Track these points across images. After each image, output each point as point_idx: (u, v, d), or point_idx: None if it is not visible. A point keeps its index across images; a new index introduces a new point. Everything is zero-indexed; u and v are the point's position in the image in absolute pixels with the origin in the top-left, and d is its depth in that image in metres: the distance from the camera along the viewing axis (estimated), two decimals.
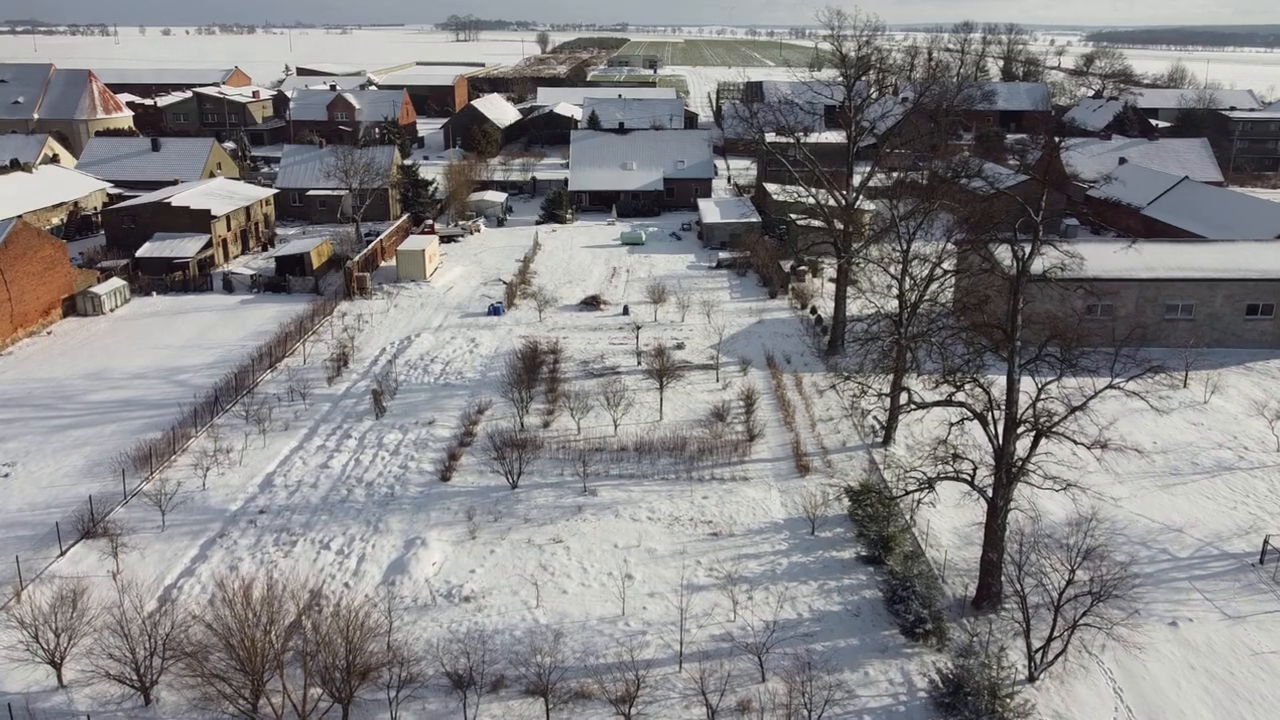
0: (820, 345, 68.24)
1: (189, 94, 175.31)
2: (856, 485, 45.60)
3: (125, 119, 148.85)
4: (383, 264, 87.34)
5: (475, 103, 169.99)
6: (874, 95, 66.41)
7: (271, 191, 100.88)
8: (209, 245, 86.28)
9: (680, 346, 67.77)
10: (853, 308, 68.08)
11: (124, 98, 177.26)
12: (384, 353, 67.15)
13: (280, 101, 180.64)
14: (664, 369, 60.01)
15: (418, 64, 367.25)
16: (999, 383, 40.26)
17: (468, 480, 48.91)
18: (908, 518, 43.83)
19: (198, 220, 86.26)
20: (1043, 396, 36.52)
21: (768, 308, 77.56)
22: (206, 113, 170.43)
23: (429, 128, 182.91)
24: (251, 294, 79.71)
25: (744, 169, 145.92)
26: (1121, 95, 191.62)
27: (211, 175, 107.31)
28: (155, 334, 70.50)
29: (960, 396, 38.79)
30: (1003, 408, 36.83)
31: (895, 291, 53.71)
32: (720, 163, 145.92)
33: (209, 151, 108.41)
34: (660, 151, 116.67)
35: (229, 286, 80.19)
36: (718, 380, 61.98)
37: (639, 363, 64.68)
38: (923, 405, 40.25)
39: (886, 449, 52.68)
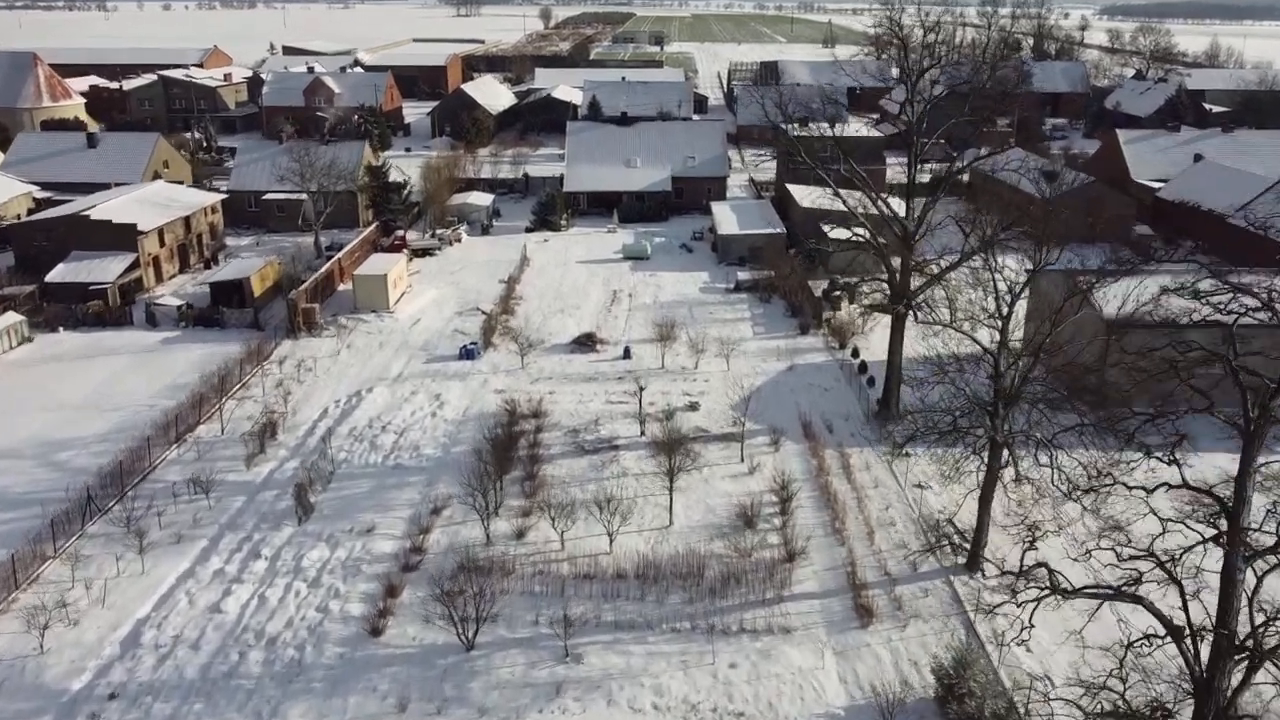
0: (868, 404, 54.85)
1: (155, 77, 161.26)
2: (947, 660, 32.52)
3: (74, 107, 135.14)
4: (342, 286, 73.96)
5: (466, 87, 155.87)
6: (934, 92, 52.90)
7: (218, 197, 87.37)
8: (135, 266, 73.00)
9: (694, 406, 54.49)
10: (918, 347, 54.56)
11: (87, 81, 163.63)
12: (325, 416, 53.92)
13: (256, 84, 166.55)
14: (673, 445, 46.87)
15: (414, 41, 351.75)
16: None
17: (407, 634, 35.84)
18: None
19: (122, 236, 72.94)
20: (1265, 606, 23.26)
21: (799, 347, 64.05)
22: (173, 98, 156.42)
23: (418, 111, 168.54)
24: (178, 329, 66.45)
25: (760, 160, 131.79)
26: (1168, 76, 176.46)
27: (156, 176, 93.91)
28: (50, 388, 57.34)
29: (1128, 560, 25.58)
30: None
31: (977, 350, 40.28)
32: (733, 153, 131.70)
33: (153, 148, 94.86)
34: (668, 145, 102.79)
35: (152, 320, 66.93)
36: (742, 459, 48.71)
37: (642, 432, 51.42)
38: (1068, 594, 26.63)
39: (973, 575, 39.47)
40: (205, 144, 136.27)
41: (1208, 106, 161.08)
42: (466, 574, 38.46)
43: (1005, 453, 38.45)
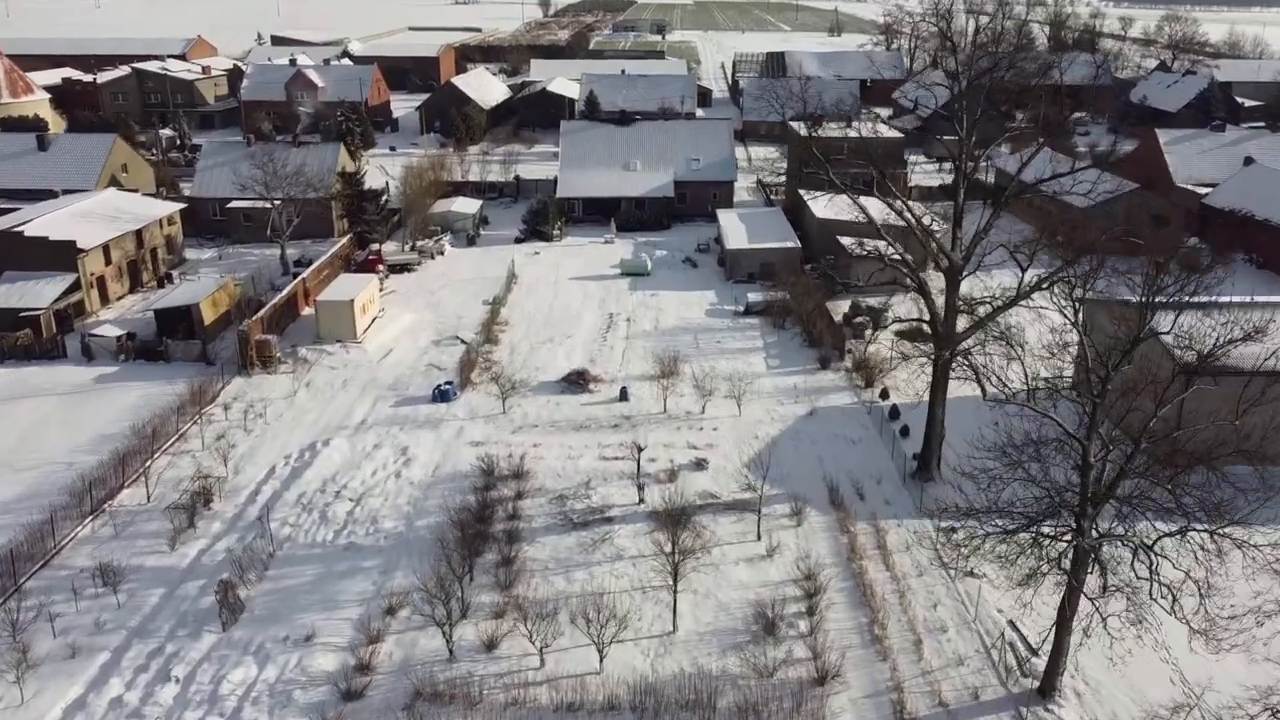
0: (903, 462, 47.16)
1: (129, 70, 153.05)
2: None
3: (37, 104, 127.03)
4: (307, 310, 66.23)
5: (457, 80, 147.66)
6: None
7: (176, 206, 79.57)
8: (75, 288, 65.31)
9: (701, 465, 46.84)
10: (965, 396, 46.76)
11: (61, 74, 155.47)
12: (271, 476, 46.29)
13: (238, 77, 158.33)
14: (678, 519, 39.37)
15: (410, 30, 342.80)
16: None
17: None
18: None
19: (60, 254, 65.23)
20: None
21: (820, 386, 56.33)
22: (148, 92, 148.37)
23: (408, 105, 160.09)
24: (117, 363, 58.80)
25: (769, 160, 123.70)
26: (1196, 68, 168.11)
27: (114, 181, 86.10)
28: None
29: None
30: None
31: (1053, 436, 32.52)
32: (739, 151, 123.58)
33: (108, 151, 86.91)
34: (670, 147, 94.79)
35: (88, 353, 59.24)
36: (759, 537, 41.06)
37: (640, 500, 43.78)
38: None
39: (1049, 703, 31.92)
40: (180, 141, 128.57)
41: (1240, 100, 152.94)
42: (424, 703, 31.11)
43: (1091, 558, 30.84)
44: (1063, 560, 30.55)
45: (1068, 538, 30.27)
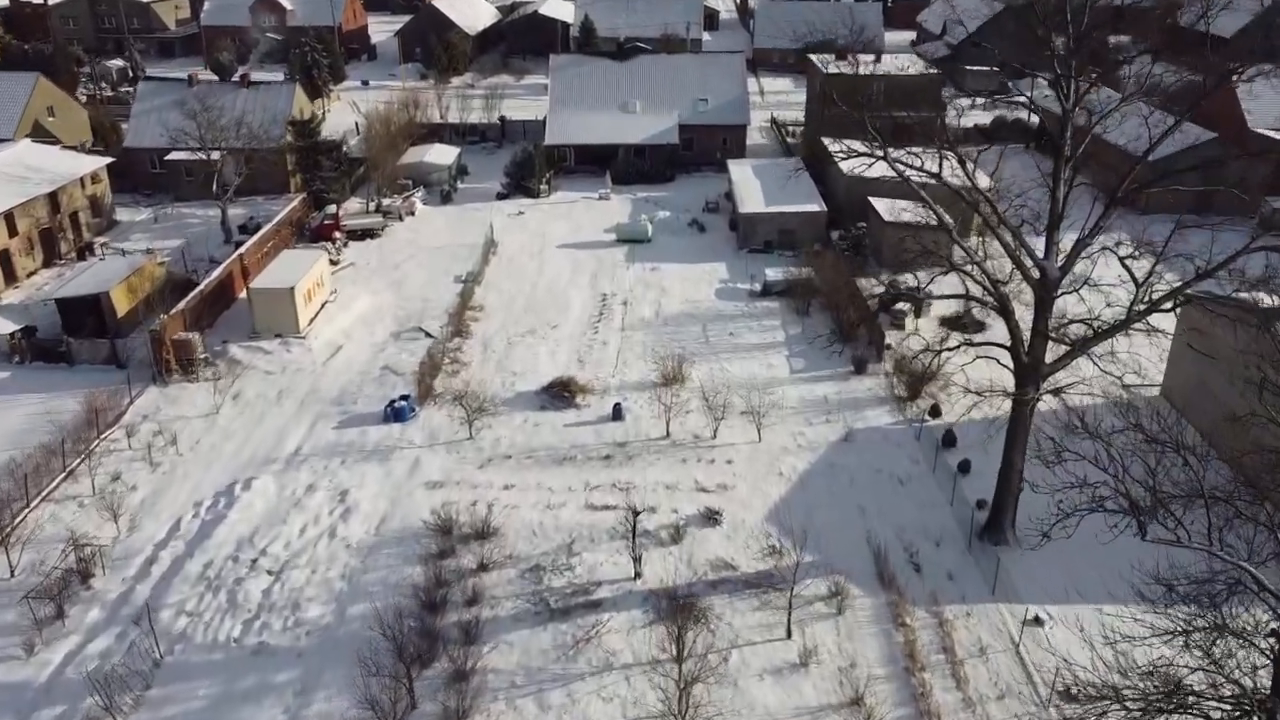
0: (969, 513, 37.62)
1: None
2: None
3: None
4: (245, 293, 55.94)
5: (438, 1, 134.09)
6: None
7: (103, 161, 68.75)
8: None
9: (715, 518, 37.37)
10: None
11: None
12: (175, 534, 36.92)
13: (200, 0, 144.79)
14: (684, 615, 30.44)
15: None
16: None
17: None
18: None
19: None
20: None
21: (855, 396, 46.51)
22: (100, 16, 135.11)
23: (389, 28, 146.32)
24: (10, 366, 49.02)
25: (784, 95, 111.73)
26: None
27: (37, 129, 75.10)
28: None
29: None
30: None
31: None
32: (751, 83, 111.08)
33: (29, 93, 75.62)
34: (675, 85, 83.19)
35: None
36: (789, 634, 31.77)
37: (637, 573, 34.44)
38: None
39: None
40: (131, 72, 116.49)
41: None
42: None
43: None
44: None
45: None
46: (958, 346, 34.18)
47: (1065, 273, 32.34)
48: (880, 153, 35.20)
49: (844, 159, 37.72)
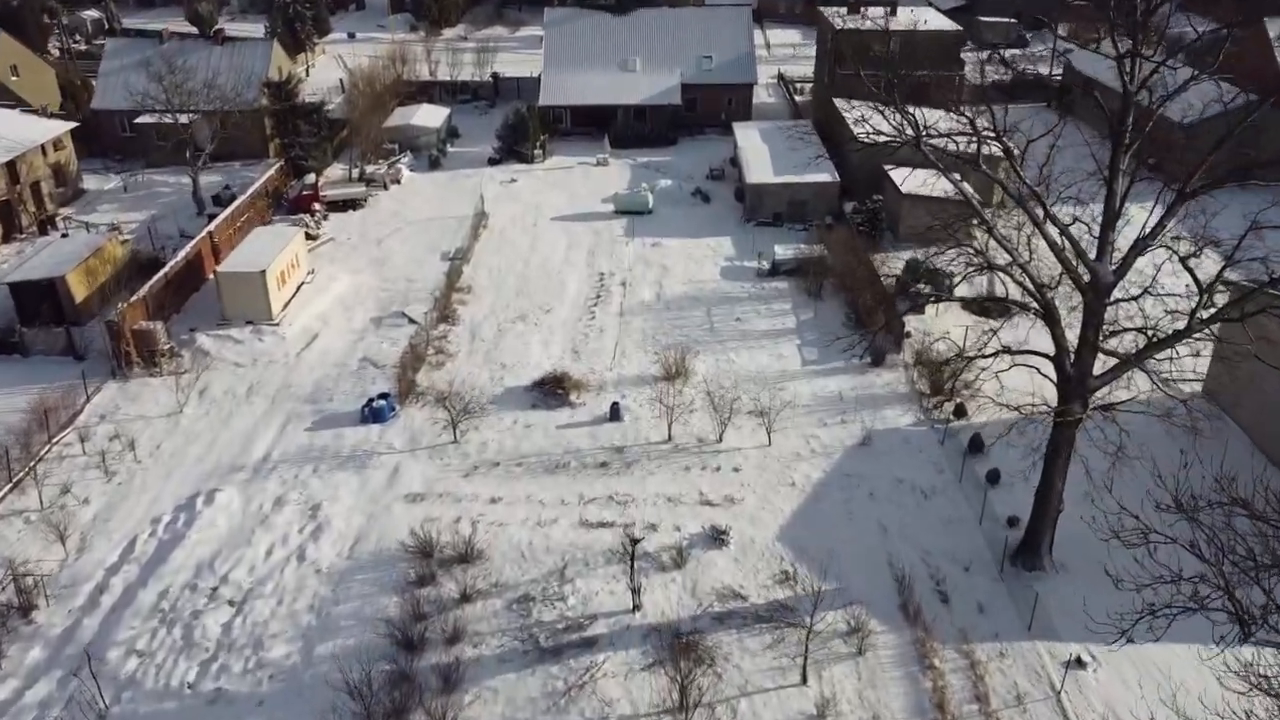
0: (999, 531, 34.25)
1: None
2: None
3: None
4: (217, 270, 51.92)
5: None
6: None
7: (66, 126, 64.42)
8: None
9: (722, 538, 34.02)
10: None
11: None
12: (128, 558, 33.61)
13: None
14: (690, 658, 27.39)
15: None
16: None
17: None
18: None
19: None
20: None
21: (872, 392, 42.90)
22: None
23: None
24: None
25: (792, 49, 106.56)
26: None
27: None
28: None
29: None
30: None
31: None
32: (756, 35, 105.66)
33: None
34: (677, 41, 78.35)
35: None
36: (804, 678, 28.55)
37: (636, 605, 31.16)
38: None
39: None
40: (107, 24, 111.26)
41: None
42: None
43: None
44: None
45: None
46: (994, 355, 30.46)
47: (1120, 277, 28.53)
48: (910, 131, 31.16)
49: (866, 141, 33.63)
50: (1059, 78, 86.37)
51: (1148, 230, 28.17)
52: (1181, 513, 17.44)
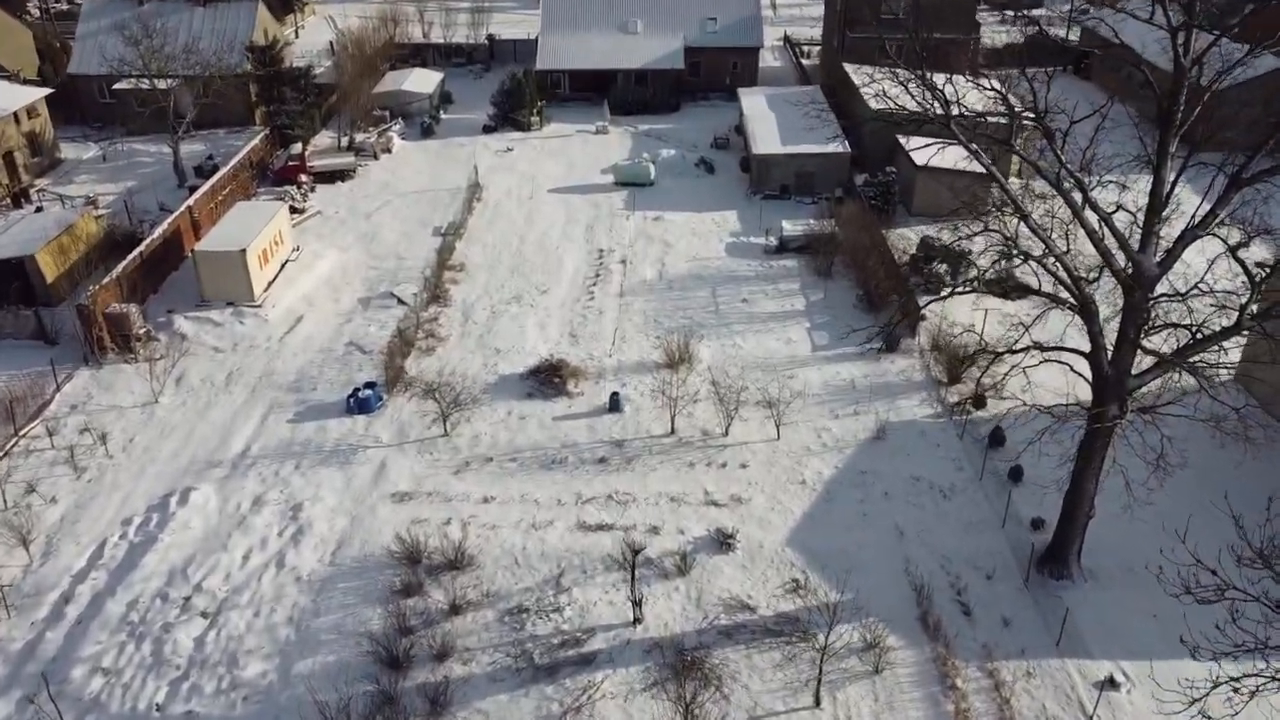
0: (1023, 535, 32.14)
1: None
2: None
3: None
4: (195, 248, 49.41)
5: None
6: None
7: (41, 93, 61.57)
8: None
9: (728, 542, 31.92)
10: None
11: None
12: (97, 563, 31.57)
13: None
14: (694, 676, 25.44)
15: None
16: None
17: None
18: None
19: None
20: None
21: (886, 380, 40.66)
22: None
23: None
24: None
25: (798, 9, 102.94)
26: None
27: None
28: None
29: None
30: None
31: None
32: None
33: None
34: (680, 2, 75.07)
35: None
36: (817, 701, 26.60)
37: (637, 618, 29.16)
38: None
39: None
40: None
41: None
42: None
43: None
44: None
45: None
46: (1024, 350, 28.14)
47: (1165, 269, 26.13)
48: (939, 109, 28.61)
49: (886, 120, 31.09)
50: (1074, 42, 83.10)
51: (1197, 219, 25.69)
52: (1269, 569, 15.17)
